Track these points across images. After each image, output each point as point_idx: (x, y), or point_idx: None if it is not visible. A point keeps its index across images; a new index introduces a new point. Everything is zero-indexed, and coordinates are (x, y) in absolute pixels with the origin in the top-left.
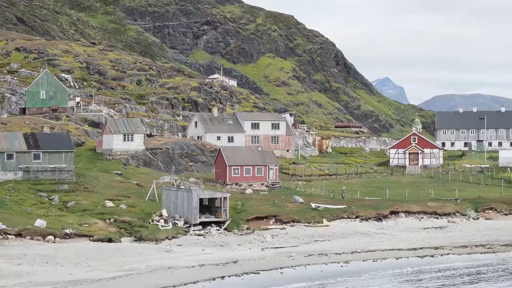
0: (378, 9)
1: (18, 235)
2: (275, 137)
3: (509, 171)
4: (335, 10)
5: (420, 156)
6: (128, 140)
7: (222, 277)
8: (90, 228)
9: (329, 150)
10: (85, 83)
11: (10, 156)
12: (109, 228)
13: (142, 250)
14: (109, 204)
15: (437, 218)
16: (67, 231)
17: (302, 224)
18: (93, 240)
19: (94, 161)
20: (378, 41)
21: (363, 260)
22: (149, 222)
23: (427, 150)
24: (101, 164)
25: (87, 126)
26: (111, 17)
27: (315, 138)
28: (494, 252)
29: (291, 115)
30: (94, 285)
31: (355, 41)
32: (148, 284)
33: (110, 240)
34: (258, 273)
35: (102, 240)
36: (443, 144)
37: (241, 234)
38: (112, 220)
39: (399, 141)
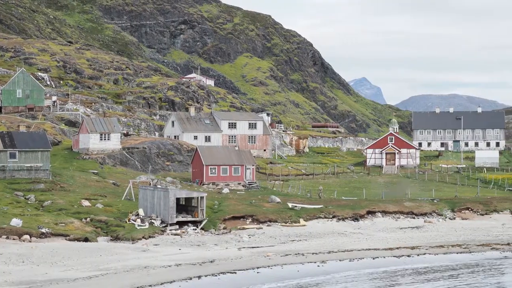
0: (356, 9)
1: None
2: (252, 136)
3: (485, 171)
4: (313, 10)
5: (397, 156)
6: (105, 139)
7: (199, 277)
8: (66, 227)
9: (306, 150)
10: (61, 82)
11: None
12: (86, 228)
13: (118, 249)
14: (86, 203)
15: (414, 218)
16: (43, 230)
17: (279, 223)
18: (69, 240)
19: (70, 160)
20: (355, 41)
21: (340, 260)
22: (126, 222)
23: (404, 150)
24: (77, 163)
25: (63, 125)
26: (88, 16)
27: (292, 138)
28: (470, 252)
29: (268, 114)
30: (70, 285)
31: (333, 41)
32: (125, 284)
33: (86, 240)
34: (235, 272)
35: (78, 240)
36: (420, 144)
37: (217, 234)
38: (88, 219)
39: (376, 141)
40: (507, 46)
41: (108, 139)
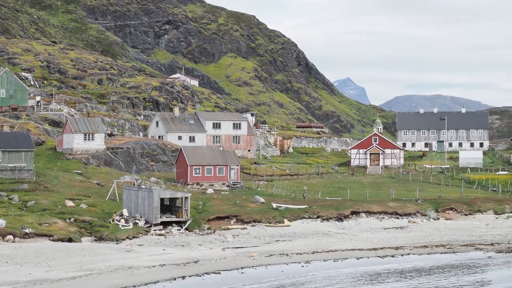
0: (340, 9)
1: None
2: (236, 137)
3: (469, 171)
4: (297, 10)
5: (381, 156)
6: (89, 139)
7: (183, 277)
8: (50, 227)
9: (291, 150)
10: (45, 82)
11: None
12: (69, 228)
13: (102, 250)
14: (69, 203)
15: (398, 218)
16: (27, 230)
17: (263, 224)
18: (53, 240)
19: (54, 160)
20: (340, 41)
21: (324, 260)
22: (110, 222)
23: (388, 151)
24: (61, 164)
25: (47, 125)
26: (72, 15)
27: (276, 138)
28: (454, 252)
29: (252, 115)
30: (54, 285)
31: (317, 42)
32: (108, 284)
33: (70, 240)
34: (219, 273)
35: (62, 240)
36: (404, 144)
37: (202, 234)
38: (72, 219)
39: (360, 141)
40: (491, 47)
41: (92, 139)
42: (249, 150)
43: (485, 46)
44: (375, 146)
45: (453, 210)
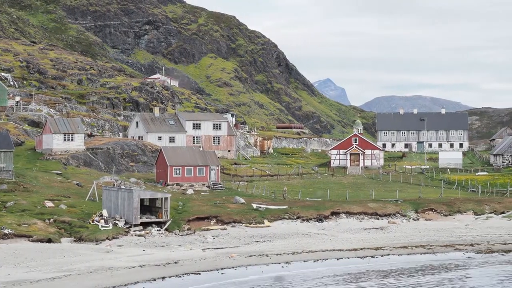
0: (320, 10)
1: None
2: (216, 137)
3: (448, 172)
4: (277, 11)
5: (361, 157)
6: (68, 139)
7: (163, 278)
8: (29, 228)
9: (271, 150)
10: (25, 82)
11: None
12: (49, 229)
13: (82, 250)
14: (49, 204)
15: (378, 219)
16: (6, 231)
17: (243, 224)
18: (33, 241)
19: (33, 160)
20: (320, 42)
21: (304, 261)
22: (89, 223)
23: (368, 151)
24: (41, 164)
25: (26, 125)
26: (52, 16)
27: (256, 139)
28: (434, 253)
29: (232, 115)
30: (33, 286)
31: (297, 42)
32: (88, 285)
33: (49, 241)
34: (199, 273)
35: (41, 241)
36: (384, 145)
37: (182, 235)
38: (51, 220)
39: (340, 142)
40: (470, 48)
41: (72, 140)
42: (229, 151)
43: (465, 47)
44: (355, 147)
45: (433, 210)
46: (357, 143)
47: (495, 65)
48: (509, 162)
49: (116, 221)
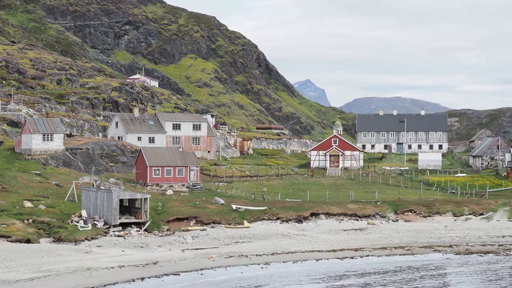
0: (301, 11)
1: None
2: (196, 138)
3: (428, 173)
4: (258, 12)
5: (340, 158)
6: (48, 140)
7: (142, 279)
8: (7, 228)
9: (250, 151)
10: (4, 82)
11: None
12: (28, 229)
13: (61, 251)
14: (28, 204)
15: (357, 220)
16: None
17: (223, 225)
18: (11, 241)
19: (12, 161)
20: (300, 43)
21: (284, 262)
22: (69, 223)
23: (347, 152)
24: (19, 164)
25: (5, 125)
26: (32, 15)
27: (236, 140)
28: (413, 254)
29: (212, 116)
30: (11, 286)
31: (277, 43)
32: (67, 285)
33: (28, 241)
34: (178, 274)
35: (20, 241)
36: (364, 146)
37: (161, 235)
38: (30, 220)
39: (320, 143)
40: (450, 49)
41: (51, 140)
42: (209, 152)
43: (445, 49)
44: (335, 148)
45: (412, 212)
46: (337, 144)
47: (474, 67)
48: (488, 163)
49: (95, 222)
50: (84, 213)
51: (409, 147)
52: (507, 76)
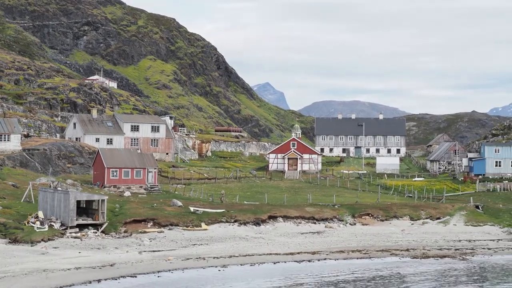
0: (261, 14)
1: None
2: (154, 140)
3: (386, 177)
4: (218, 14)
5: (299, 161)
6: (4, 140)
7: (99, 280)
8: None
9: (209, 154)
10: None
11: None
12: None
13: (17, 252)
14: None
15: (315, 223)
16: None
17: (181, 227)
18: None
19: None
20: (260, 46)
21: (241, 264)
22: (25, 224)
23: (306, 156)
24: None
25: None
26: None
27: (195, 142)
28: (370, 258)
29: (171, 118)
30: None
31: (237, 46)
32: (23, 287)
33: None
34: (135, 276)
35: None
36: (322, 149)
37: (118, 237)
38: None
39: (278, 146)
40: (408, 54)
41: (8, 140)
42: (167, 153)
43: (403, 53)
44: (293, 151)
45: (370, 215)
46: (295, 148)
47: (428, 72)
48: (445, 168)
49: (52, 223)
50: (40, 214)
51: (367, 151)
52: (458, 82)
